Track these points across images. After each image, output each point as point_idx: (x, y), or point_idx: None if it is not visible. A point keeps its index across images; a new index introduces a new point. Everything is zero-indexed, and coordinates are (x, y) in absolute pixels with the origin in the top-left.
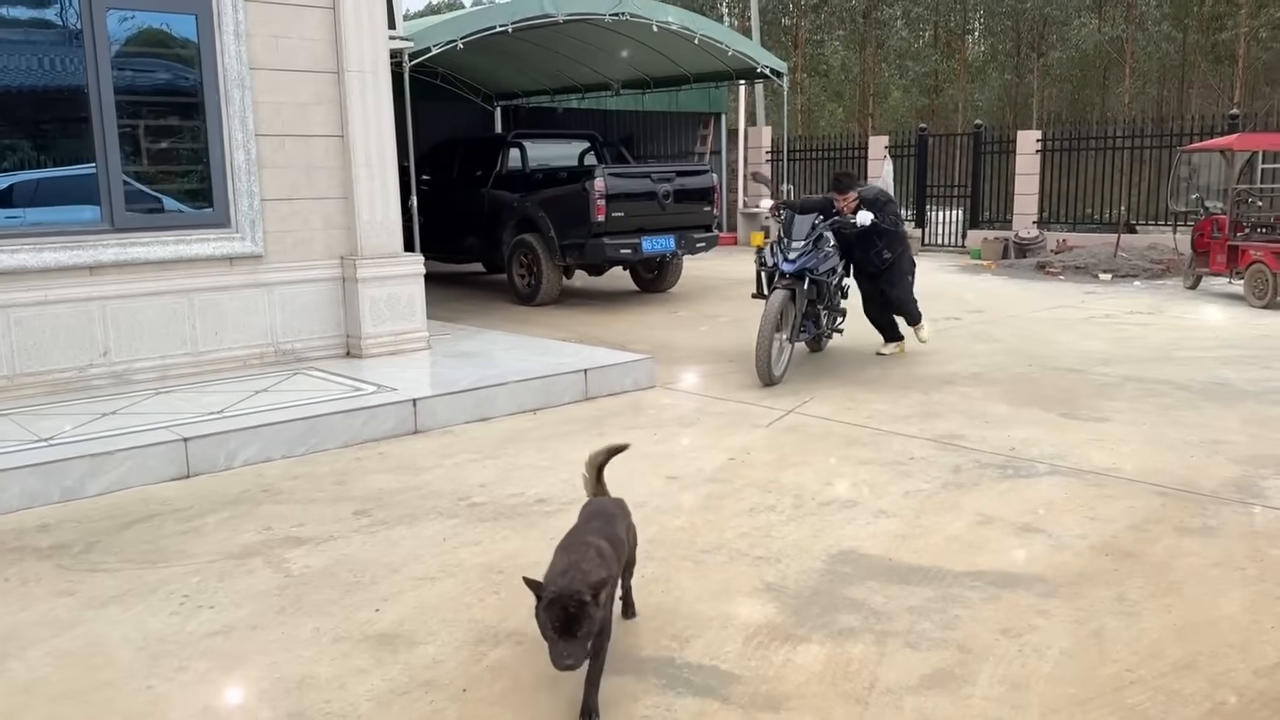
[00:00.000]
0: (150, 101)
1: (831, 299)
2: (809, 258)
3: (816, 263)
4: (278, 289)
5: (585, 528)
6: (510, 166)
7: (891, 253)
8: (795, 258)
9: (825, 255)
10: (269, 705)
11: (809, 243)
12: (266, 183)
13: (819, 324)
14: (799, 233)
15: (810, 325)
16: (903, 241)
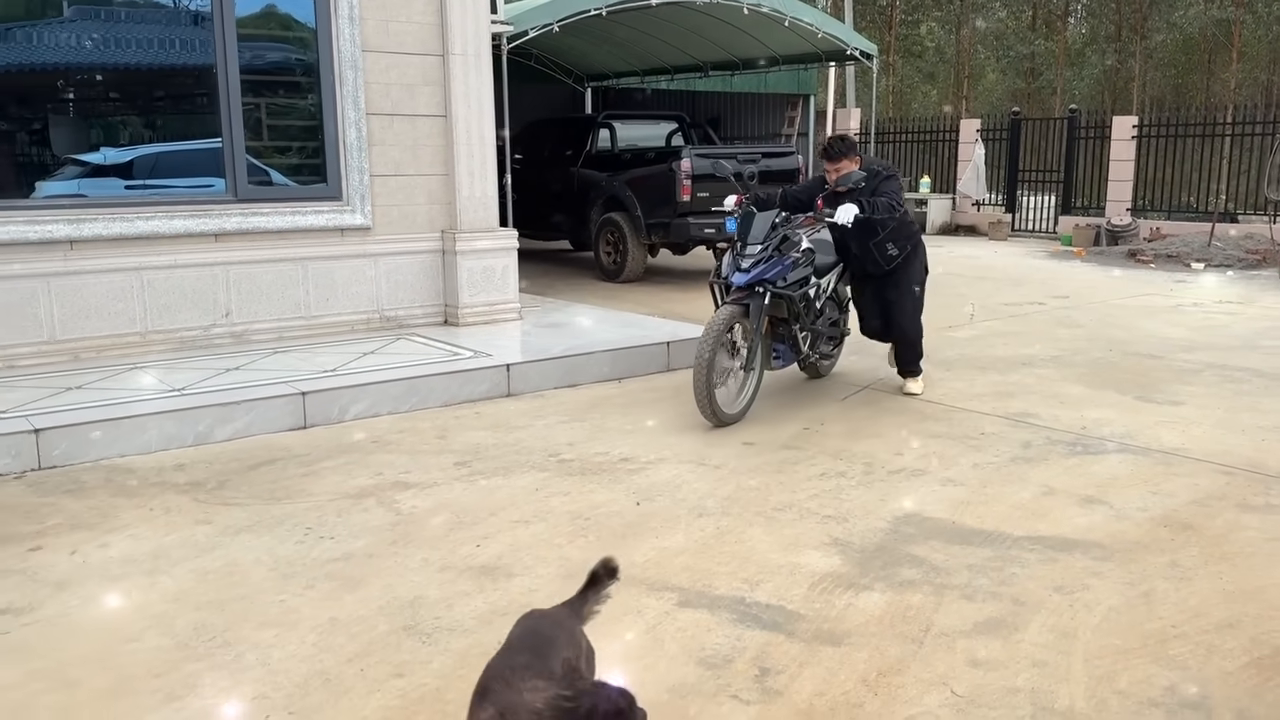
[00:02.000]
0: (270, 81)
1: (814, 316)
2: (768, 266)
3: (780, 271)
4: (383, 259)
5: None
6: (600, 146)
7: (899, 249)
8: (749, 266)
9: (793, 262)
10: (386, 619)
11: (768, 246)
12: (375, 159)
13: (799, 348)
14: (756, 234)
15: (784, 349)
16: (913, 236)
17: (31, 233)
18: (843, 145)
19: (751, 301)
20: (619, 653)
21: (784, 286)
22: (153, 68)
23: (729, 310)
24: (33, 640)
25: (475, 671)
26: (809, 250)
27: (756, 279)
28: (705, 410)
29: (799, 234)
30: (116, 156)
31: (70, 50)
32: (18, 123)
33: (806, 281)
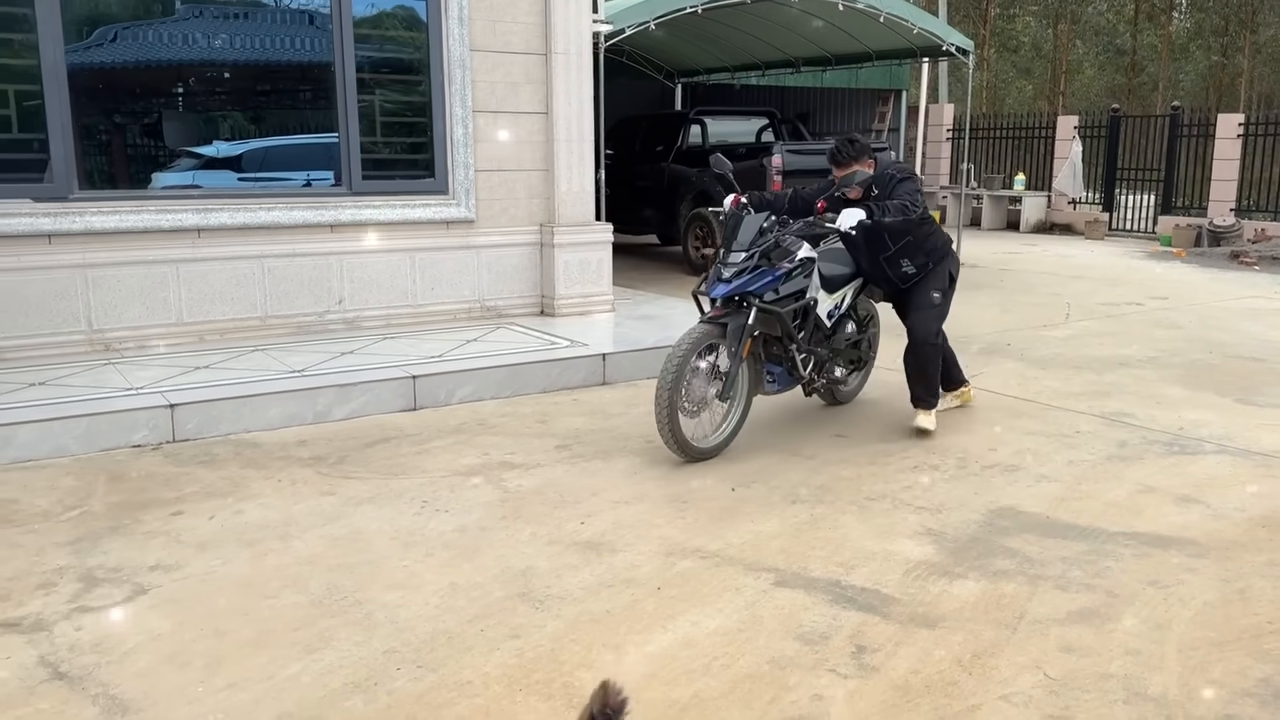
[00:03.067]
0: (383, 79)
1: (821, 335)
2: (753, 276)
3: (768, 283)
4: (485, 251)
5: None
6: (691, 142)
7: (916, 265)
8: (730, 275)
9: (785, 273)
10: (500, 586)
11: (754, 253)
12: (480, 155)
13: (796, 371)
14: (742, 240)
15: (780, 372)
16: (935, 252)
17: (164, 221)
18: (852, 149)
19: (730, 319)
20: (718, 626)
21: (773, 300)
22: (264, 65)
23: (704, 328)
24: (183, 594)
25: (586, 637)
26: (808, 260)
27: (738, 291)
28: (668, 441)
29: (799, 242)
30: (229, 150)
31: (183, 48)
32: (134, 117)
33: (802, 295)
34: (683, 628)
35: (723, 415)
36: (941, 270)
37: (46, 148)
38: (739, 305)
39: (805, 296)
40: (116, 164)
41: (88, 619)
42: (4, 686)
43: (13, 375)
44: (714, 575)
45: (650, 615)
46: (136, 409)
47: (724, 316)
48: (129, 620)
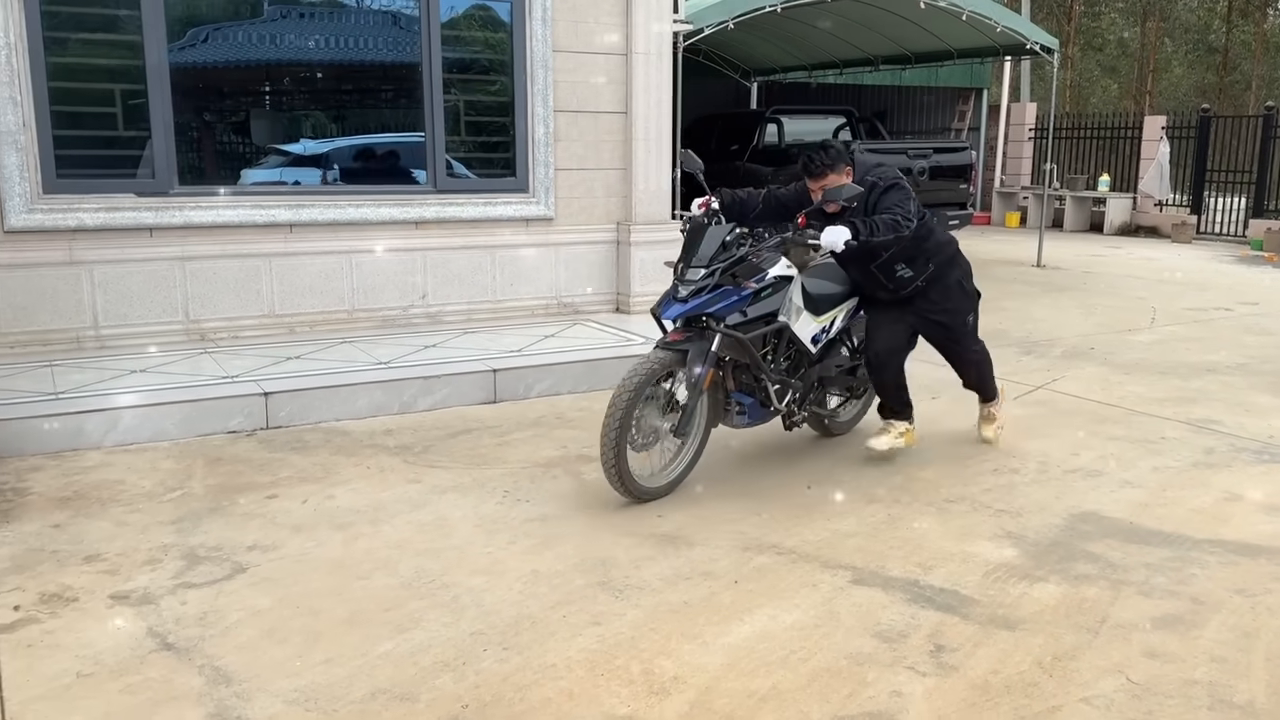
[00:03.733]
0: (467, 79)
1: (803, 362)
2: (714, 296)
3: (731, 304)
4: (563, 249)
5: None
6: (767, 141)
7: (914, 269)
8: (687, 294)
9: (752, 293)
10: (581, 574)
11: (716, 270)
12: (560, 154)
13: (771, 401)
14: (703, 254)
15: (751, 404)
16: (937, 252)
17: (258, 216)
18: (826, 157)
19: (691, 344)
20: (795, 621)
21: (739, 324)
22: (349, 65)
23: (660, 356)
24: (279, 574)
25: (664, 626)
26: (782, 279)
27: (695, 312)
28: (613, 480)
29: (773, 257)
30: (316, 148)
31: (271, 48)
32: (224, 115)
33: (774, 318)
34: (760, 621)
35: (675, 451)
36: (948, 277)
37: (150, 145)
38: (702, 328)
39: (777, 319)
40: (209, 160)
41: (191, 594)
42: (117, 654)
43: (116, 362)
44: (790, 571)
45: (727, 608)
46: (232, 396)
47: (684, 341)
48: (230, 596)
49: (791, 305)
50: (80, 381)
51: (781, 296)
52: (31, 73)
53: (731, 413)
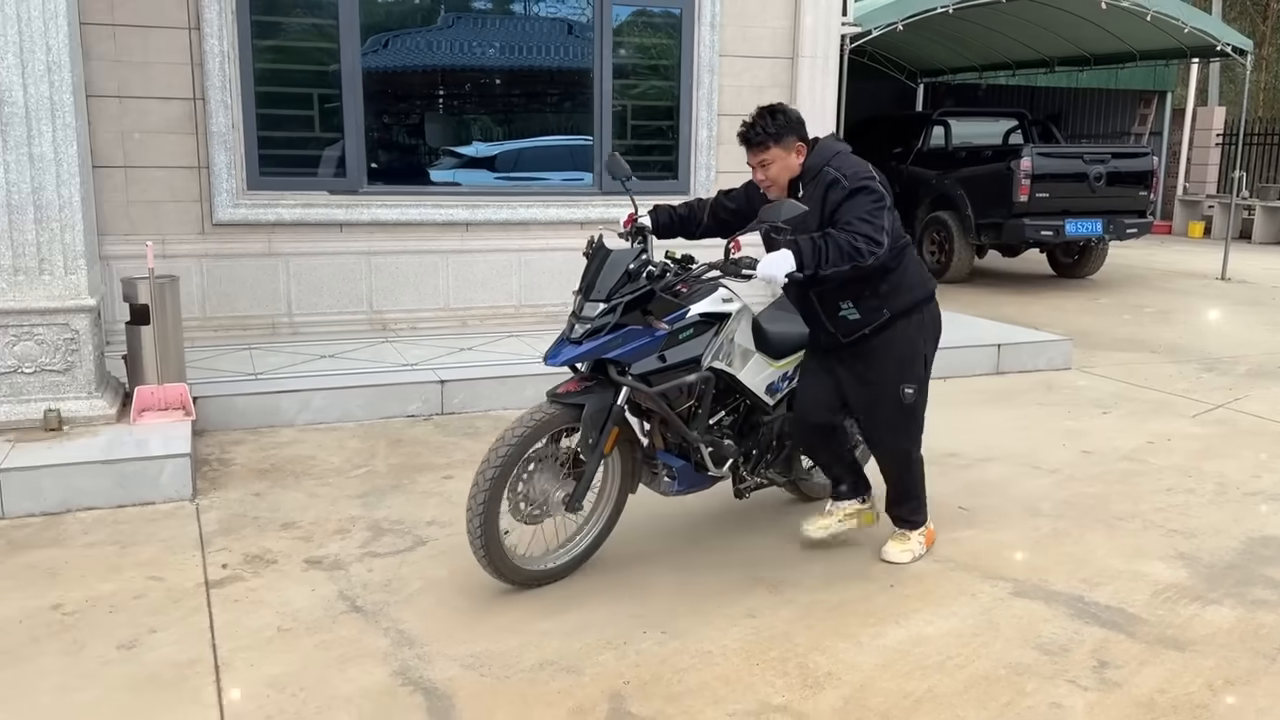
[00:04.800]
0: (634, 84)
1: (761, 413)
2: (615, 338)
3: (639, 348)
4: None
5: None
6: (932, 144)
7: (861, 311)
8: (581, 335)
9: (662, 336)
10: (739, 569)
11: (615, 305)
12: (722, 157)
13: (707, 465)
14: (603, 286)
15: (683, 467)
16: (897, 293)
17: (438, 215)
18: (771, 124)
19: (589, 397)
20: (952, 628)
21: (654, 371)
22: (520, 70)
23: (549, 411)
24: (455, 548)
25: (819, 624)
26: (711, 316)
27: (589, 357)
28: (481, 560)
29: (712, 287)
30: (487, 150)
31: (446, 53)
32: (401, 117)
33: (696, 365)
34: (916, 625)
35: (579, 523)
36: (902, 333)
37: (341, 146)
38: (602, 375)
39: (701, 366)
40: (391, 161)
41: (377, 562)
42: (311, 613)
43: (307, 347)
44: (948, 579)
45: (882, 610)
46: (411, 383)
47: (581, 392)
48: (411, 566)
49: (734, 348)
50: (276, 364)
51: (709, 338)
52: (241, 79)
53: (660, 477)
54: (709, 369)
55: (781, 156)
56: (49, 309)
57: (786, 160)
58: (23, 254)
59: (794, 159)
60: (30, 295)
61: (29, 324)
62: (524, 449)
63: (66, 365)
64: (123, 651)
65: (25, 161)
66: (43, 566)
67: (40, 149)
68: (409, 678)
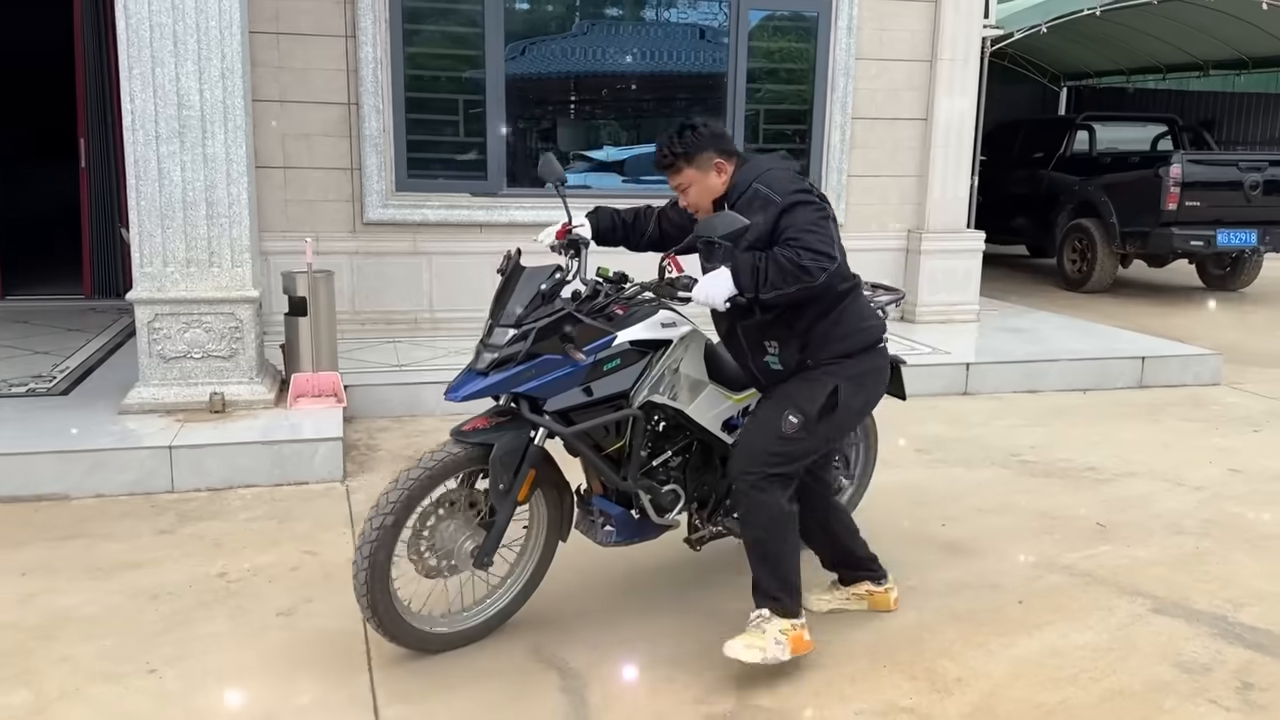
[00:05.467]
0: (767, 87)
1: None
2: (525, 370)
3: (556, 380)
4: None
5: None
6: (1075, 149)
7: (784, 355)
8: (488, 366)
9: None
10: None
11: (527, 332)
12: (854, 160)
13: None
14: (514, 308)
15: (621, 515)
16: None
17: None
18: (680, 143)
19: (500, 436)
20: (1087, 642)
21: (576, 407)
22: (651, 75)
23: (451, 452)
24: None
25: (947, 630)
26: (644, 344)
27: (497, 390)
28: (369, 618)
29: (651, 310)
30: (616, 154)
31: (580, 60)
32: (535, 122)
33: (623, 400)
34: (1049, 637)
35: (497, 582)
36: (825, 381)
37: (484, 149)
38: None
39: (631, 402)
40: (522, 164)
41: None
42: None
43: (448, 342)
44: (1084, 593)
45: (1014, 621)
46: None
47: (491, 429)
48: None
49: (679, 380)
50: (417, 357)
51: (640, 370)
52: (392, 85)
53: (596, 525)
54: (649, 403)
55: (698, 178)
56: (216, 299)
57: (705, 181)
58: (195, 247)
59: (714, 179)
60: (200, 286)
61: (198, 312)
62: (421, 495)
63: (231, 352)
64: (281, 618)
65: (200, 161)
66: (209, 537)
67: (213, 149)
68: (542, 656)
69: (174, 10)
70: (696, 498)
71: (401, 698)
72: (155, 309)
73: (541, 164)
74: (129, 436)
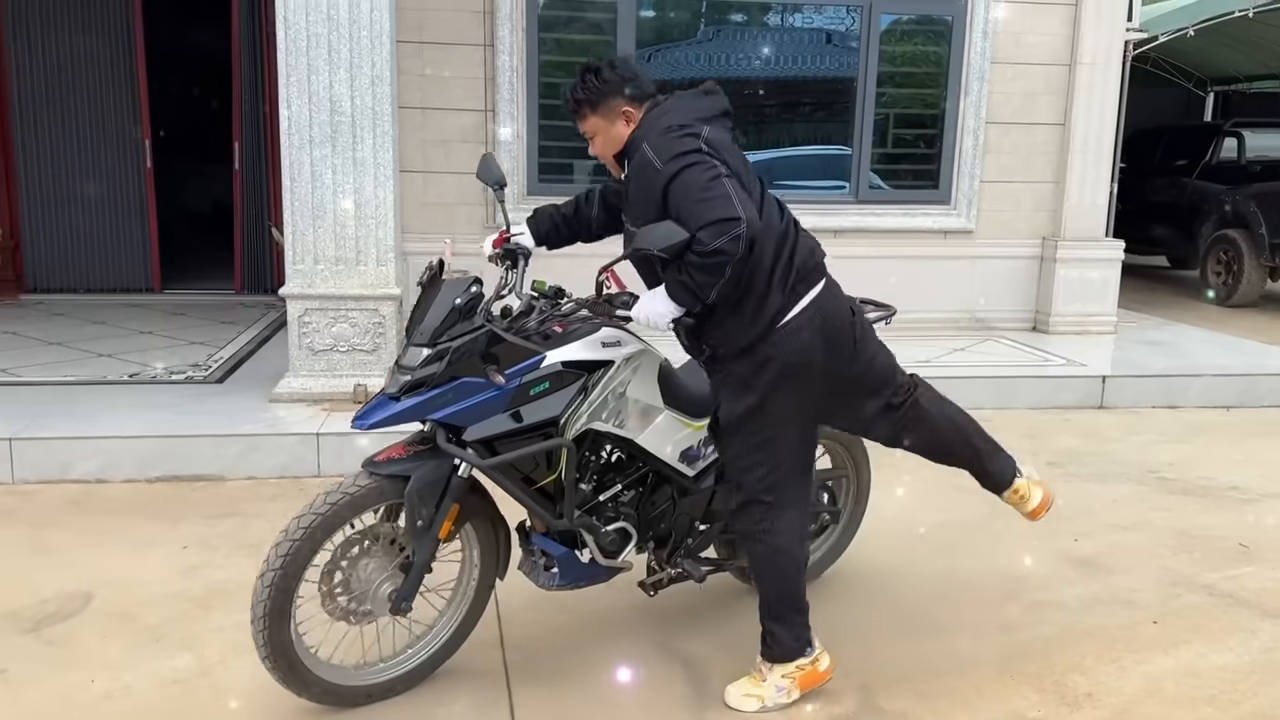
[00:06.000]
0: (897, 92)
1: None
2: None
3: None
4: (980, 262)
5: None
6: (1222, 156)
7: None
8: (399, 390)
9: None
10: (991, 581)
11: (442, 352)
12: (987, 166)
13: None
14: (430, 323)
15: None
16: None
17: None
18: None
19: (417, 467)
20: (1226, 664)
21: (500, 436)
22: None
23: (362, 484)
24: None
25: (1078, 645)
26: (581, 366)
27: (411, 417)
28: (269, 667)
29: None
30: None
31: (705, 66)
32: None
33: (553, 428)
34: (1185, 657)
35: (428, 624)
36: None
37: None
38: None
39: (562, 431)
40: None
41: None
42: None
43: None
44: (1224, 614)
45: (1149, 639)
46: None
47: (410, 458)
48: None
49: (626, 404)
50: None
51: (573, 394)
52: (526, 92)
53: (538, 566)
54: (591, 432)
55: (603, 127)
56: (362, 295)
57: (611, 131)
58: (343, 246)
59: (621, 128)
60: (347, 283)
61: (345, 308)
62: (327, 531)
63: (374, 346)
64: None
65: (350, 164)
66: None
67: (362, 153)
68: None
69: (329, 21)
70: (653, 536)
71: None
72: (305, 304)
73: (480, 165)
74: (279, 423)
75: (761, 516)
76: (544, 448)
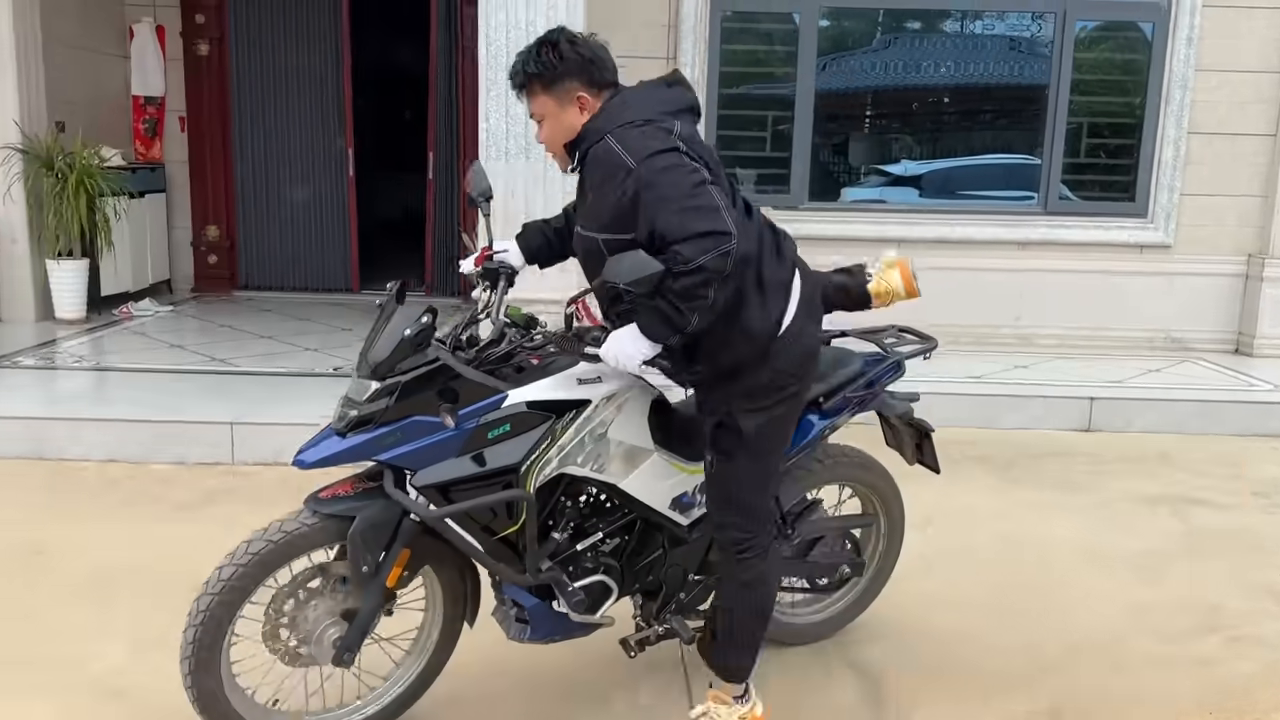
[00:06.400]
0: (1091, 101)
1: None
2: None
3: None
4: (1178, 279)
5: None
6: None
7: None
8: (346, 426)
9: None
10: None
11: (393, 387)
12: (1188, 178)
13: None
14: (379, 353)
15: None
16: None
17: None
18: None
19: (364, 507)
20: None
21: (444, 483)
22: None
23: (305, 523)
24: None
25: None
26: (550, 406)
27: (351, 457)
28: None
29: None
30: (915, 169)
31: (881, 74)
32: (829, 136)
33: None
34: None
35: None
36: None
37: (788, 163)
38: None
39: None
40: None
41: None
42: None
43: None
44: None
45: None
46: None
47: (356, 496)
48: None
49: (607, 447)
50: None
51: (537, 438)
52: (706, 103)
53: (509, 617)
54: (565, 477)
55: (553, 110)
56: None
57: (561, 116)
58: None
59: (573, 115)
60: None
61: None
62: (261, 573)
63: None
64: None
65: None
66: None
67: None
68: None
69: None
70: (640, 589)
71: None
72: None
73: (470, 176)
74: None
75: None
76: (500, 499)
